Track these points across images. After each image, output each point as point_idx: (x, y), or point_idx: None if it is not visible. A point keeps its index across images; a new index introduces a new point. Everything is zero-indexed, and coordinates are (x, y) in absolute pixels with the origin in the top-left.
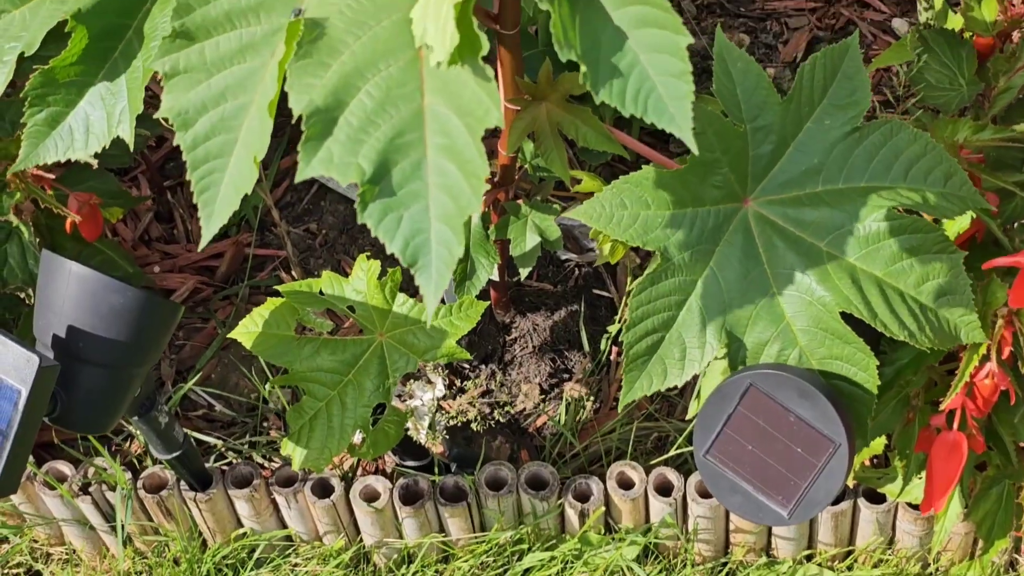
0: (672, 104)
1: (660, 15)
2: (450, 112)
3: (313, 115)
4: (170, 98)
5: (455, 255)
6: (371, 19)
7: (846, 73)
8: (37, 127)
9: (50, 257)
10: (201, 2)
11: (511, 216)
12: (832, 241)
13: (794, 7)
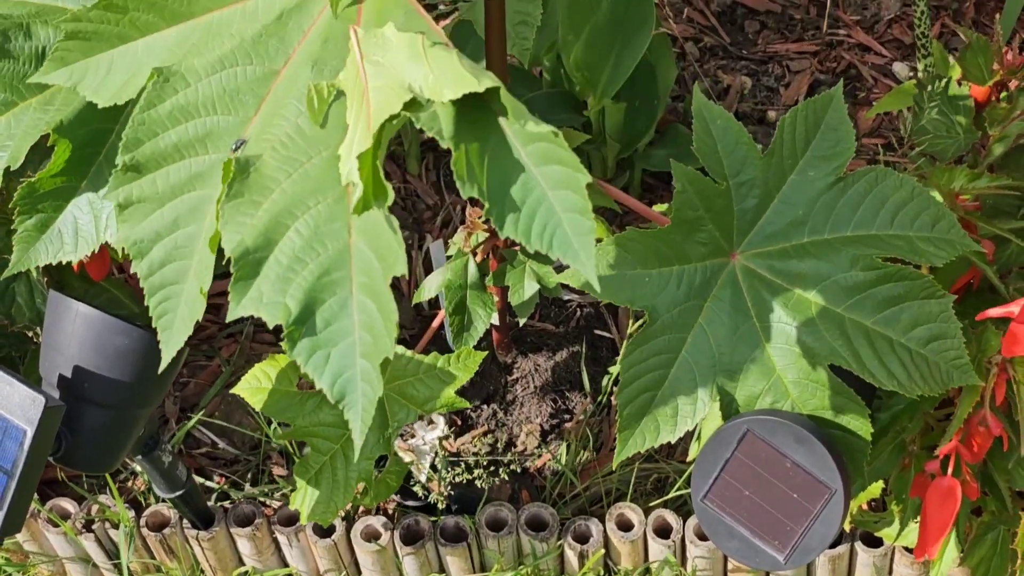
0: (576, 240)
1: (563, 153)
2: (371, 254)
3: (242, 256)
4: (125, 228)
5: (377, 393)
6: (302, 155)
7: (830, 124)
8: (27, 232)
9: (57, 298)
10: (150, 135)
11: (508, 264)
12: (820, 292)
13: (796, 50)
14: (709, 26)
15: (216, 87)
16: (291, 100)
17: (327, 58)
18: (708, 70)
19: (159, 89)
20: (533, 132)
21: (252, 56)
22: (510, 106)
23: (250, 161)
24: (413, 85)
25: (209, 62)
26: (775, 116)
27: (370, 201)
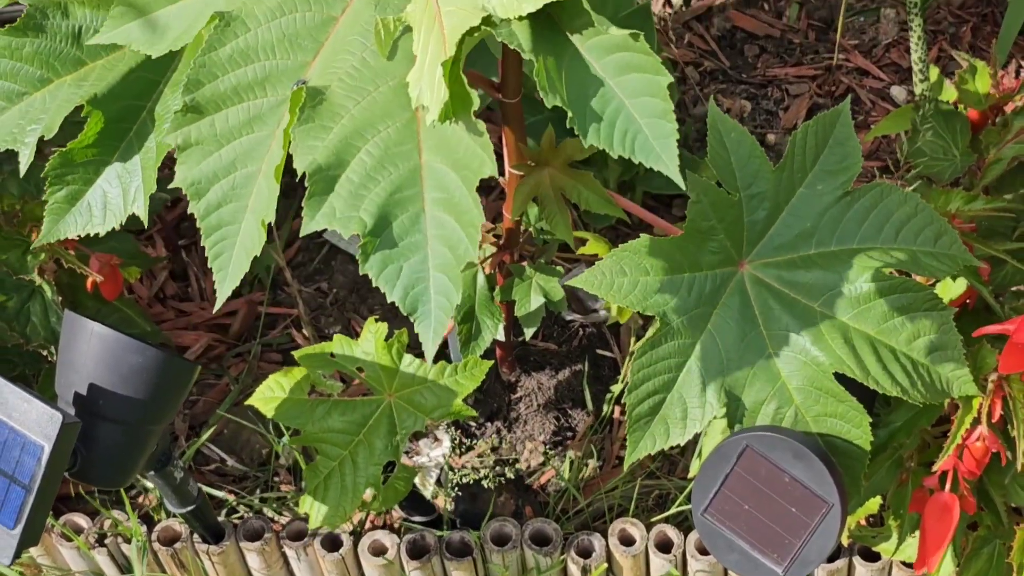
0: (658, 143)
1: (642, 59)
2: (446, 167)
3: (316, 173)
4: (183, 169)
5: (452, 303)
6: (369, 85)
7: (837, 139)
8: (57, 204)
9: (72, 318)
10: (210, 77)
11: (516, 278)
12: (826, 302)
13: (795, 74)
14: (709, 50)
15: (276, 32)
16: (355, 37)
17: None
18: (708, 94)
19: (220, 33)
20: (610, 42)
21: (311, 3)
22: (594, 16)
23: (319, 90)
24: (488, 5)
25: (269, 8)
26: (774, 139)
27: (452, 110)
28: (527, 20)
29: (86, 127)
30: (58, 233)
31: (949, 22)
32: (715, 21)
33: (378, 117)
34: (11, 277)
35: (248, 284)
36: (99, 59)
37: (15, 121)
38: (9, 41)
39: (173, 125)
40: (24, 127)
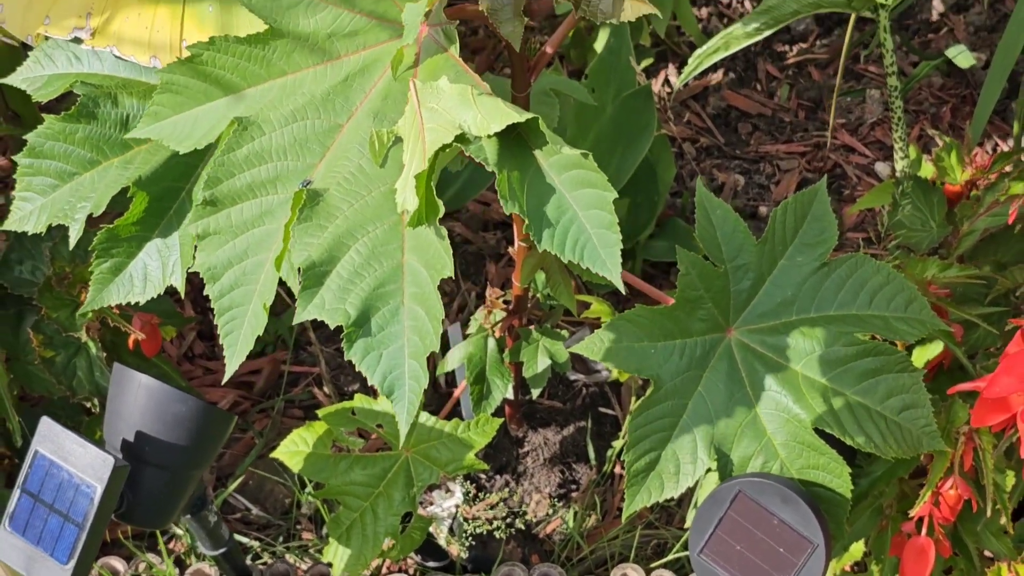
0: (604, 252)
1: (593, 176)
2: (421, 266)
3: (309, 268)
4: (202, 255)
5: (422, 385)
6: (363, 189)
7: (815, 215)
8: (102, 275)
9: (122, 370)
10: (228, 175)
11: (523, 341)
12: (806, 364)
13: (785, 151)
14: (705, 128)
15: (288, 136)
16: (354, 146)
17: (387, 111)
18: (704, 168)
19: (238, 136)
20: (566, 159)
21: (320, 111)
22: (548, 135)
23: (318, 192)
24: (463, 124)
25: (283, 115)
26: (766, 211)
27: (423, 215)
28: (495, 137)
29: (131, 206)
30: (102, 301)
31: (930, 103)
32: (711, 100)
33: (369, 219)
34: (60, 334)
35: (272, 344)
36: (143, 144)
37: (66, 198)
38: (64, 126)
39: (194, 216)
40: (75, 204)
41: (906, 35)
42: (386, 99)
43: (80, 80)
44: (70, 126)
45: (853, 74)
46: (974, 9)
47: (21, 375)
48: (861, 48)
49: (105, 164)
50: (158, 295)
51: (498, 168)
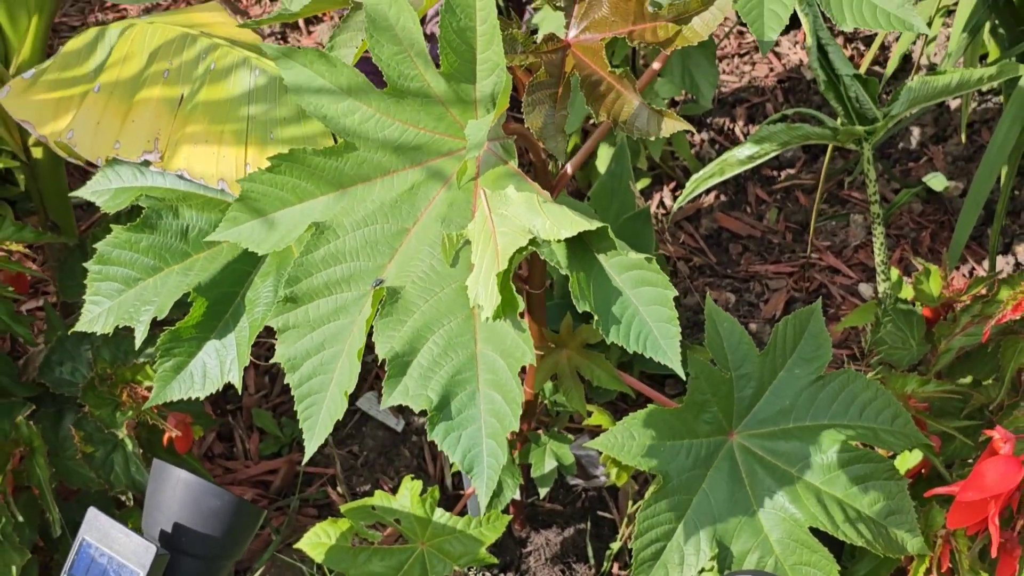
0: (665, 343)
1: (652, 276)
2: (496, 355)
3: (393, 359)
4: (282, 347)
5: (501, 463)
6: (436, 287)
7: (811, 332)
8: (165, 372)
9: (161, 465)
10: (306, 274)
11: (532, 444)
12: (801, 468)
13: (774, 271)
14: (698, 248)
15: (360, 239)
16: (424, 247)
17: (452, 216)
18: (698, 286)
19: (315, 239)
20: (628, 262)
21: (389, 216)
22: (616, 242)
23: (396, 291)
24: (533, 229)
25: (355, 220)
26: (756, 328)
27: (504, 310)
28: (564, 242)
29: (192, 309)
30: (164, 397)
31: (910, 228)
32: (703, 222)
33: (443, 313)
34: (101, 431)
35: (288, 446)
36: (202, 252)
37: (131, 302)
38: (129, 236)
39: (275, 312)
40: (139, 307)
41: (888, 163)
42: (451, 206)
43: (144, 194)
44: (135, 236)
45: (838, 199)
46: (952, 140)
47: (60, 469)
48: (845, 175)
49: (167, 271)
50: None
51: (570, 270)
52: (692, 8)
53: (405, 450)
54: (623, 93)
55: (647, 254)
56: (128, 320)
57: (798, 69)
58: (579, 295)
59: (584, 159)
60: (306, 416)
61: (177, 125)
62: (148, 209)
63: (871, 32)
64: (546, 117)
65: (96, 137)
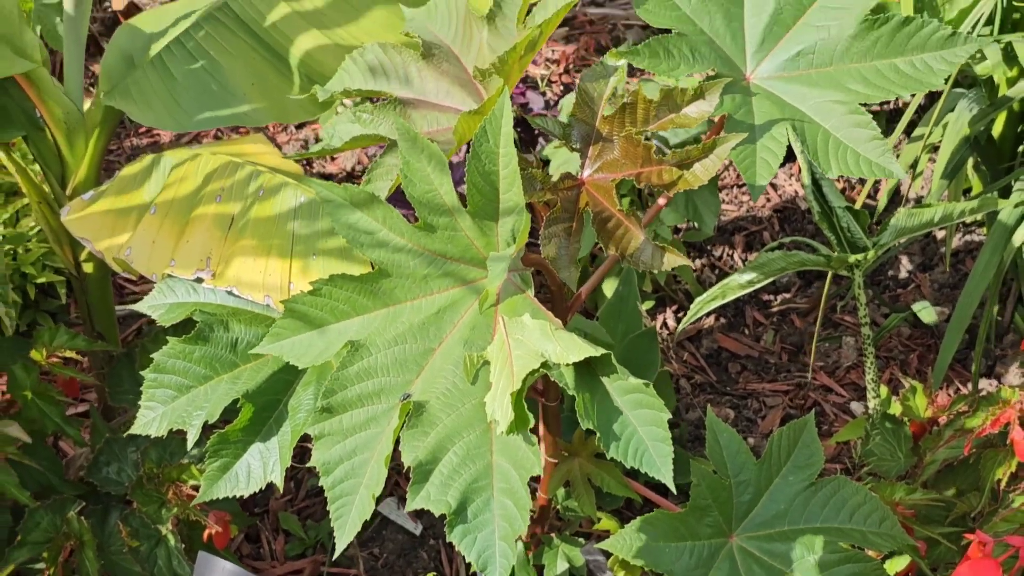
0: (659, 460)
1: (649, 399)
2: (509, 466)
3: (417, 467)
4: (318, 453)
5: (511, 562)
6: (458, 402)
7: (804, 442)
8: (213, 472)
9: (207, 557)
10: (341, 387)
11: (545, 546)
12: (797, 567)
13: (771, 389)
14: (699, 366)
15: (390, 357)
16: (448, 366)
17: (474, 339)
18: (699, 402)
19: (350, 356)
20: (629, 386)
21: (418, 337)
22: (618, 367)
23: (421, 404)
24: (546, 353)
25: (386, 339)
26: (754, 442)
27: (515, 426)
28: (572, 366)
29: (240, 415)
30: (212, 494)
31: (899, 350)
32: (704, 342)
33: (463, 426)
34: (146, 526)
35: (312, 548)
36: (249, 363)
37: (184, 407)
38: (183, 347)
39: (312, 420)
40: (191, 412)
41: (878, 290)
42: (473, 329)
43: (198, 308)
44: (189, 347)
45: (831, 322)
46: (938, 268)
47: (107, 563)
48: (838, 299)
49: (217, 379)
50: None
51: (577, 391)
52: (694, 156)
53: (423, 552)
54: (631, 229)
55: (653, 370)
56: (181, 424)
57: (793, 200)
58: (584, 414)
59: (595, 285)
60: (338, 516)
61: (228, 243)
62: (201, 323)
63: None
64: (560, 249)
65: (152, 254)
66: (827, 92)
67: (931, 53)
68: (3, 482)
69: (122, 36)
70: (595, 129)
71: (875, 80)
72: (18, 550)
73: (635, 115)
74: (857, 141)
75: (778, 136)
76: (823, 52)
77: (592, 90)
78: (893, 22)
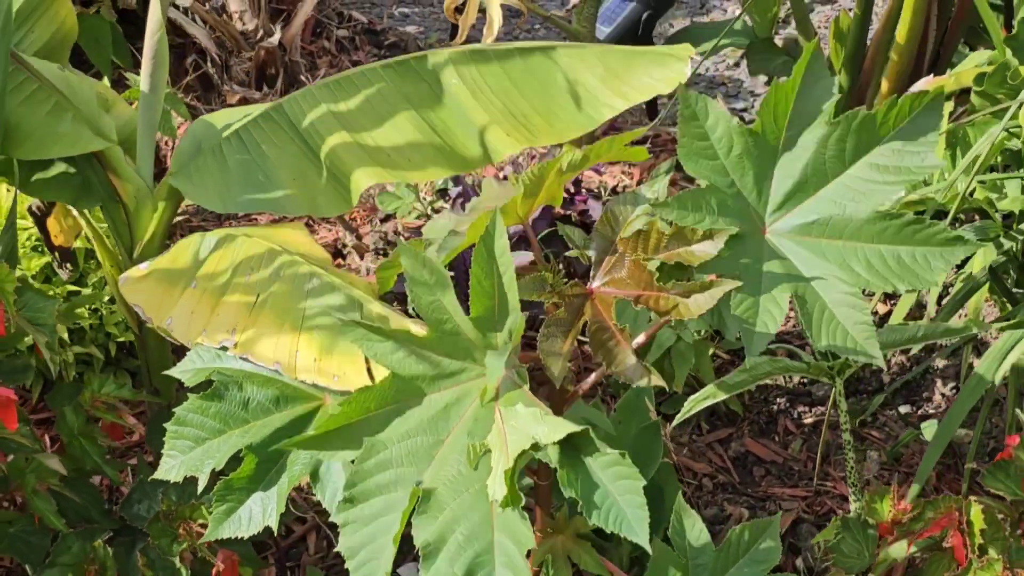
0: (636, 525)
1: (627, 470)
2: (508, 541)
3: (426, 547)
4: (344, 539)
5: None
6: (463, 487)
7: (767, 539)
8: (219, 515)
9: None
10: (361, 479)
11: None
12: None
13: (790, 494)
14: (724, 467)
15: (404, 450)
16: (454, 455)
17: (477, 430)
18: (717, 500)
19: (367, 451)
20: (608, 460)
21: (427, 430)
22: (596, 442)
23: (429, 491)
24: (536, 436)
25: (399, 434)
26: None
27: (508, 501)
28: (557, 445)
29: (243, 464)
30: (217, 534)
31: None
32: (732, 445)
33: (467, 509)
34: (161, 558)
35: None
36: (259, 419)
37: (199, 457)
38: (201, 403)
39: (338, 509)
40: (203, 461)
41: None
42: (476, 421)
43: (216, 371)
44: (206, 403)
45: (858, 436)
46: None
47: None
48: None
49: (229, 433)
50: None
51: (560, 465)
52: (693, 291)
53: None
54: (621, 345)
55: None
56: (194, 471)
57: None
58: (567, 484)
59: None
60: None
61: (251, 320)
62: (218, 382)
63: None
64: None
65: (189, 325)
66: (833, 268)
67: (933, 249)
68: (42, 509)
69: (197, 127)
70: (613, 246)
71: (879, 267)
72: (49, 570)
73: (648, 242)
74: (849, 321)
75: (780, 300)
76: (836, 225)
77: (619, 213)
78: (903, 219)
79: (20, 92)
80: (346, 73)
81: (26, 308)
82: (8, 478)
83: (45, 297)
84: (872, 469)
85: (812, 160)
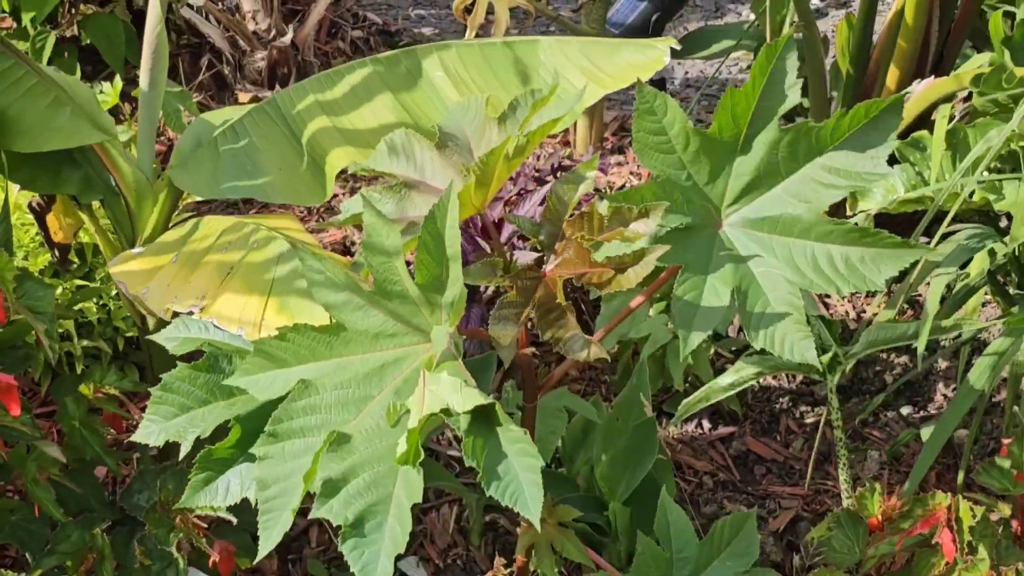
0: (531, 502)
1: (531, 448)
2: (403, 496)
3: (328, 483)
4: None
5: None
6: (377, 440)
7: (746, 532)
8: (197, 483)
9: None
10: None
11: None
12: None
13: (790, 492)
14: (725, 465)
15: (335, 398)
16: (379, 410)
17: (405, 391)
18: (717, 498)
19: (299, 392)
20: (514, 435)
21: (361, 385)
22: (503, 418)
23: (346, 436)
24: (449, 403)
25: (334, 383)
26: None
27: (409, 458)
28: (469, 414)
29: (229, 436)
30: (192, 503)
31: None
32: (734, 444)
33: (376, 459)
34: (158, 548)
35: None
36: (244, 393)
37: (182, 424)
38: (190, 373)
39: (259, 443)
40: (188, 429)
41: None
42: (406, 382)
43: (208, 343)
44: (195, 373)
45: (860, 436)
46: None
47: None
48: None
49: (214, 404)
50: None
51: (465, 434)
52: (627, 262)
53: None
54: (568, 320)
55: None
56: (177, 437)
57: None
58: (470, 454)
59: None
60: (265, 526)
61: (223, 286)
62: (208, 355)
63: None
64: (506, 330)
65: (163, 295)
66: (782, 266)
67: (883, 251)
68: (41, 497)
69: (197, 124)
70: (561, 230)
71: (826, 268)
72: (48, 557)
73: (591, 224)
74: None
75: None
76: (787, 224)
77: (564, 194)
78: (848, 224)
79: (20, 86)
80: (338, 67)
81: (26, 296)
82: (9, 466)
83: (44, 285)
84: (872, 468)
85: (766, 158)
